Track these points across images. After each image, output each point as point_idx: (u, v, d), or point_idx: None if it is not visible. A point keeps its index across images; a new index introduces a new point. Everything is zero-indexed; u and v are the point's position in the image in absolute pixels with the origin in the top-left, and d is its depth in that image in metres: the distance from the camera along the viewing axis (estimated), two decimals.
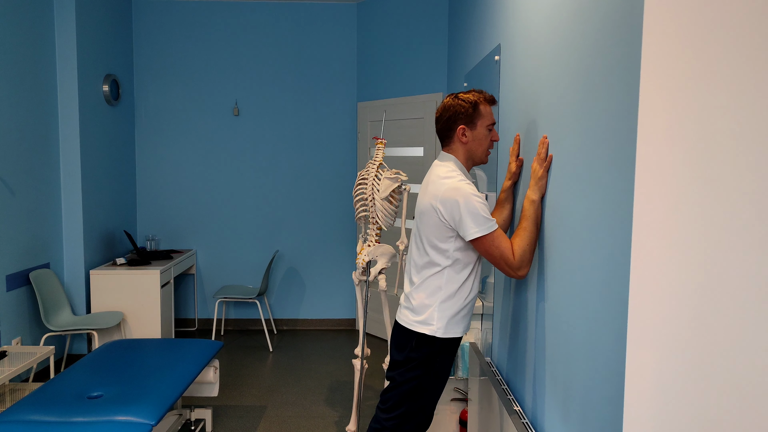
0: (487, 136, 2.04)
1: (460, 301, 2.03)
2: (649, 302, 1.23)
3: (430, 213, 1.99)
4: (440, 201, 1.94)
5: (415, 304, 2.06)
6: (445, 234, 1.97)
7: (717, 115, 1.19)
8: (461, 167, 2.05)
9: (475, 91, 2.05)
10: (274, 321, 5.41)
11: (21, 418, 2.29)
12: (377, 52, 5.01)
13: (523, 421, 1.95)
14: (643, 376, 1.24)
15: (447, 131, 2.06)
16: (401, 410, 2.08)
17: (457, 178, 1.96)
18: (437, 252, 2.00)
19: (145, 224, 5.30)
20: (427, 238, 2.02)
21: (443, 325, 2.02)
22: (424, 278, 2.05)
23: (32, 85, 3.88)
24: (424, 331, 2.03)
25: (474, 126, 2.02)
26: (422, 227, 2.04)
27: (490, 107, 2.05)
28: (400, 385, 2.08)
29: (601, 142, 1.40)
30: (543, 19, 1.91)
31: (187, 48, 5.20)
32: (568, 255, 1.64)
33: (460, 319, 2.06)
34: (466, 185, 1.93)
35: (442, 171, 2.01)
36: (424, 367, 2.05)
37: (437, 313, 2.02)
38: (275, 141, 5.31)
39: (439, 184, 1.97)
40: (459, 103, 2.02)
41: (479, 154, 2.06)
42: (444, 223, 1.95)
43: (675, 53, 1.19)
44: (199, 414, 3.31)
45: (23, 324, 3.81)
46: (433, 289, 2.03)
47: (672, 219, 1.21)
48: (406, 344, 2.07)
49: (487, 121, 2.03)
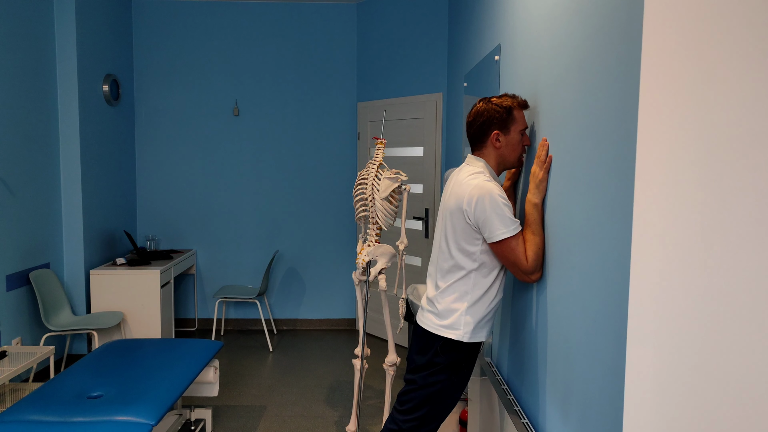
0: (520, 142, 2.02)
1: (486, 305, 2.01)
2: (649, 302, 1.23)
3: (457, 214, 1.96)
4: (467, 202, 1.92)
5: (441, 308, 2.03)
6: (472, 236, 1.95)
7: (717, 115, 1.19)
8: (491, 171, 2.02)
9: (508, 96, 2.02)
10: (274, 321, 5.41)
11: (21, 418, 2.29)
12: (377, 52, 5.01)
13: (523, 421, 1.95)
14: (643, 376, 1.24)
15: (481, 136, 2.02)
16: (421, 413, 2.06)
17: (483, 179, 1.93)
18: (464, 255, 1.98)
19: (145, 224, 5.30)
20: (455, 241, 1.99)
21: (470, 330, 2.00)
22: (450, 282, 2.02)
23: (32, 85, 3.88)
24: (450, 336, 2.01)
25: (508, 131, 1.99)
26: (449, 230, 2.01)
27: (523, 112, 2.02)
28: (422, 388, 2.06)
29: (601, 142, 1.40)
30: (543, 19, 1.91)
31: (187, 48, 5.20)
32: (569, 255, 1.64)
33: (486, 323, 2.04)
34: (492, 185, 1.90)
35: (468, 172, 1.99)
36: (448, 372, 2.03)
37: (464, 318, 2.00)
38: (275, 141, 5.31)
39: (465, 185, 1.95)
40: (493, 108, 1.98)
41: (512, 160, 2.04)
42: (470, 224, 1.93)
43: (675, 53, 1.19)
44: (199, 414, 3.31)
45: (23, 324, 3.81)
46: (460, 293, 2.01)
47: (672, 219, 1.21)
48: (430, 348, 2.05)
49: (520, 126, 2.00)
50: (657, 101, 1.20)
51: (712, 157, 1.20)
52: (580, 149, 1.55)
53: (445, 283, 2.04)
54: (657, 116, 1.20)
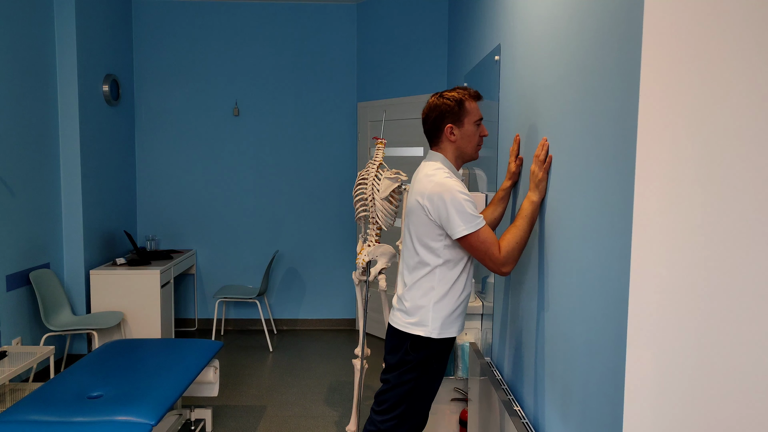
0: (475, 133, 2.03)
1: (454, 300, 2.02)
2: (649, 302, 1.23)
3: (418, 211, 1.98)
4: (427, 198, 1.93)
5: (408, 305, 2.04)
6: (434, 232, 1.96)
7: (717, 114, 1.19)
8: (450, 165, 2.03)
9: (459, 88, 2.03)
10: (274, 321, 5.41)
11: (21, 418, 2.29)
12: (377, 52, 5.01)
13: (523, 421, 1.95)
14: (643, 376, 1.24)
15: (435, 131, 2.04)
16: (398, 412, 2.07)
17: (443, 175, 1.94)
18: (428, 251, 1.99)
19: (145, 224, 5.30)
20: (418, 237, 2.01)
21: (438, 326, 2.01)
22: (416, 279, 2.03)
23: (32, 85, 3.88)
24: (418, 332, 2.01)
25: (461, 123, 2.01)
26: (411, 227, 2.03)
27: (476, 103, 2.03)
28: (396, 387, 2.06)
29: (601, 142, 1.40)
30: (543, 19, 1.91)
31: (187, 48, 5.20)
32: (568, 255, 1.64)
33: (455, 318, 2.04)
34: (452, 182, 1.91)
35: (428, 169, 2.00)
36: (420, 369, 2.04)
37: (431, 314, 2.00)
38: (275, 141, 5.31)
39: (425, 182, 1.96)
40: (444, 102, 2.01)
41: (469, 151, 2.05)
42: (432, 221, 1.94)
43: (675, 53, 1.19)
44: (199, 414, 3.31)
45: (23, 324, 3.81)
46: (425, 289, 2.01)
47: (672, 219, 1.21)
48: (401, 346, 2.06)
49: (474, 117, 2.02)
50: (657, 101, 1.20)
51: (712, 156, 1.20)
52: (580, 149, 1.55)
53: (411, 279, 2.05)
54: (657, 116, 1.20)
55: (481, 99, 2.06)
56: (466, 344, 2.78)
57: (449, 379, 2.84)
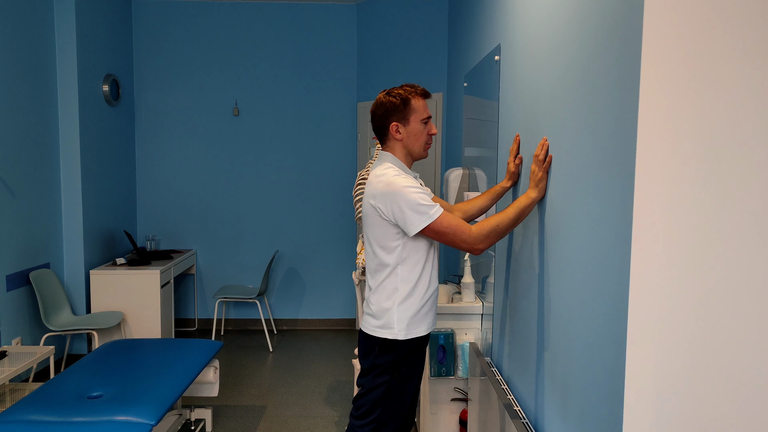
0: (422, 131, 2.01)
1: (419, 298, 2.00)
2: (649, 302, 1.23)
3: (372, 213, 1.96)
4: (378, 199, 1.92)
5: (375, 308, 2.02)
6: (390, 231, 1.94)
7: (717, 114, 1.19)
8: (400, 164, 2.02)
9: (406, 86, 2.01)
10: (274, 321, 5.42)
11: (21, 418, 2.29)
12: (377, 52, 5.01)
13: (523, 421, 1.95)
14: (643, 376, 1.24)
15: (381, 129, 2.03)
16: (374, 416, 2.03)
17: (391, 174, 1.92)
18: (386, 251, 1.97)
19: (145, 224, 5.30)
20: (375, 240, 1.99)
21: (404, 326, 1.98)
22: (380, 281, 2.01)
23: (32, 85, 3.88)
24: (385, 335, 1.99)
25: (407, 122, 1.99)
26: (367, 230, 2.01)
27: (424, 101, 2.01)
28: (370, 391, 2.04)
29: (601, 142, 1.40)
30: (543, 19, 1.91)
31: (187, 48, 5.20)
32: (568, 255, 1.64)
33: (422, 317, 2.02)
34: (400, 179, 1.90)
35: (377, 170, 1.99)
36: (390, 372, 2.01)
37: (396, 315, 1.98)
38: (275, 141, 5.31)
39: (375, 184, 1.95)
40: (390, 100, 1.99)
41: (416, 150, 2.03)
42: (387, 221, 1.93)
43: (675, 53, 1.19)
44: (199, 414, 3.31)
45: (23, 324, 3.81)
46: (389, 291, 1.99)
47: (672, 219, 1.21)
48: (371, 351, 2.03)
49: (420, 115, 1.99)
50: (657, 101, 1.20)
51: (712, 156, 1.20)
52: (580, 149, 1.55)
53: (375, 282, 2.03)
54: (657, 116, 1.20)
55: (429, 97, 2.04)
56: (466, 344, 2.78)
57: (449, 379, 2.85)
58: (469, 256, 2.94)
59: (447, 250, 4.27)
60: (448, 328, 2.81)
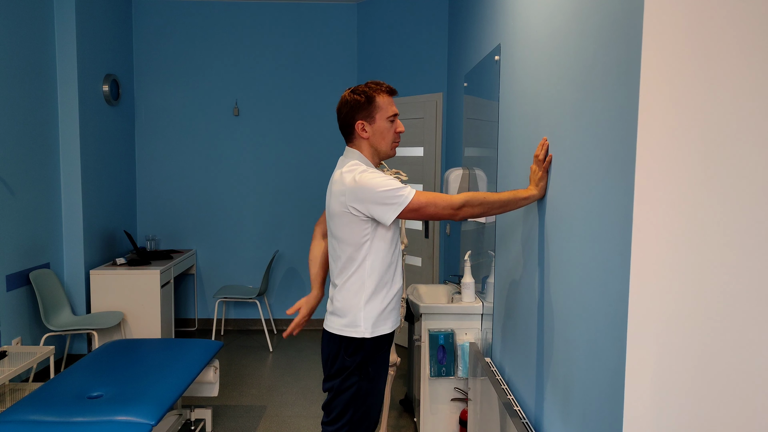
0: (389, 129, 1.98)
1: (385, 296, 1.98)
2: (649, 302, 1.23)
3: (341, 212, 1.92)
4: (349, 196, 1.88)
5: (339, 306, 1.99)
6: (360, 227, 1.91)
7: (717, 114, 1.19)
8: (366, 162, 1.99)
9: (371, 83, 1.99)
10: (274, 321, 5.41)
11: (21, 418, 2.29)
12: (377, 52, 5.01)
13: (523, 421, 1.95)
14: (643, 376, 1.24)
15: (347, 127, 2.00)
16: (346, 418, 2.00)
17: (358, 170, 1.89)
18: (355, 248, 1.94)
19: (145, 224, 5.30)
20: (342, 238, 1.96)
21: (370, 324, 1.96)
22: (345, 279, 1.98)
23: (32, 85, 3.88)
24: (351, 334, 1.96)
25: (373, 120, 1.97)
26: (335, 228, 1.98)
27: (390, 98, 1.98)
28: (340, 393, 2.00)
29: (601, 142, 1.40)
30: (543, 19, 1.91)
31: (187, 48, 5.20)
32: (568, 254, 1.64)
33: (388, 314, 2.00)
34: (367, 174, 1.87)
35: (344, 168, 1.95)
36: (359, 372, 1.98)
37: (363, 314, 1.96)
38: (275, 141, 5.31)
39: (342, 181, 1.92)
40: (354, 98, 1.96)
41: (383, 148, 2.00)
42: (358, 217, 1.89)
43: (675, 53, 1.19)
44: (199, 414, 3.31)
45: (23, 324, 3.81)
46: (355, 289, 1.97)
47: (672, 219, 1.21)
48: (338, 352, 2.00)
49: (386, 113, 1.96)
50: (657, 101, 1.20)
51: (712, 155, 1.20)
52: (581, 149, 1.55)
53: (341, 280, 2.00)
54: (657, 116, 1.20)
55: (395, 94, 2.01)
56: (466, 344, 2.78)
57: (449, 379, 2.85)
58: (469, 256, 2.94)
59: (446, 249, 4.27)
60: (448, 328, 2.81)
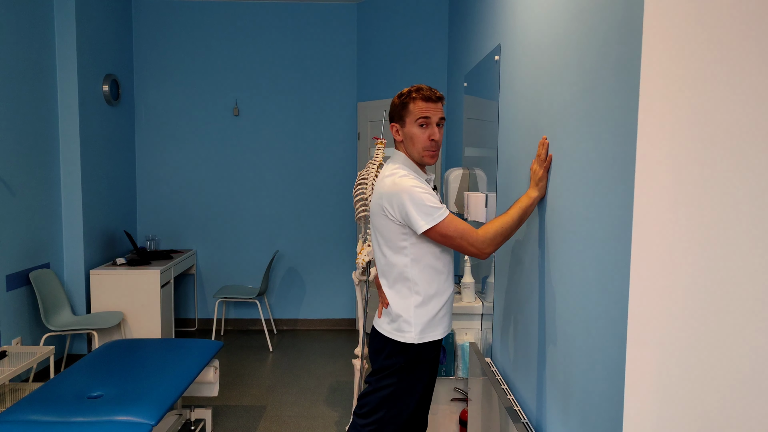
0: (419, 134, 1.94)
1: (436, 302, 1.97)
2: (649, 302, 1.23)
3: (378, 213, 1.95)
4: (386, 200, 1.90)
5: (390, 309, 1.99)
6: (397, 231, 1.92)
7: (717, 115, 1.19)
8: (410, 164, 1.99)
9: (413, 87, 1.97)
10: (274, 321, 5.41)
11: (21, 418, 2.29)
12: (377, 52, 5.01)
13: (523, 422, 1.95)
14: (643, 376, 1.24)
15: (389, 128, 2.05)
16: (378, 416, 2.01)
17: (399, 174, 1.90)
18: (393, 251, 1.95)
19: (145, 224, 5.30)
20: (383, 239, 1.97)
21: (419, 330, 1.96)
22: (392, 282, 1.98)
23: (32, 85, 3.88)
24: (398, 338, 1.97)
25: (404, 123, 1.96)
26: (376, 230, 1.99)
27: (425, 103, 1.93)
28: (377, 390, 2.01)
29: (601, 142, 1.40)
30: (543, 19, 1.91)
31: (187, 48, 5.20)
32: (568, 255, 1.64)
33: (439, 320, 1.99)
34: (407, 179, 1.87)
35: (387, 170, 1.98)
36: (398, 375, 1.98)
37: (413, 319, 1.95)
38: (275, 141, 5.31)
39: (382, 183, 1.94)
40: (393, 101, 1.99)
41: (414, 154, 1.98)
42: (394, 220, 1.91)
43: (675, 53, 1.19)
44: (199, 414, 3.31)
45: (23, 324, 3.81)
46: (404, 293, 1.96)
47: (672, 219, 1.21)
48: (382, 351, 2.01)
49: (415, 116, 1.93)
50: (657, 101, 1.20)
51: (712, 156, 1.20)
52: (581, 149, 1.55)
53: (388, 282, 2.00)
54: (657, 116, 1.20)
55: (437, 99, 1.95)
56: (466, 344, 2.78)
57: (449, 379, 2.84)
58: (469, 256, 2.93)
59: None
60: None
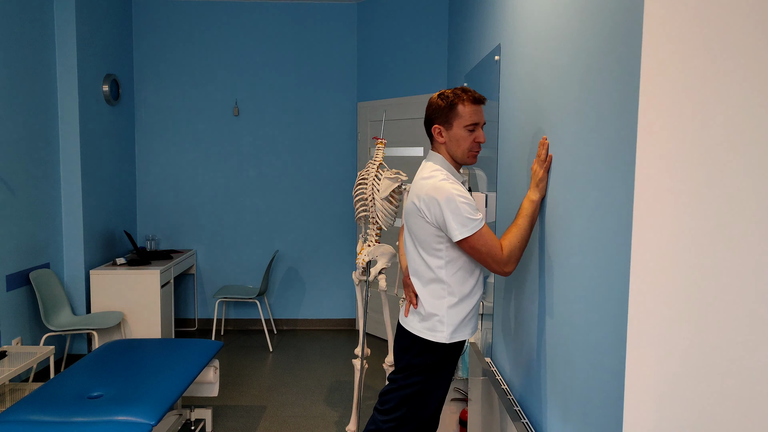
0: (465, 138, 1.94)
1: (468, 303, 1.99)
2: (649, 302, 1.23)
3: (415, 214, 1.95)
4: (423, 202, 1.90)
5: (425, 310, 2.00)
6: (432, 234, 1.92)
7: (717, 115, 1.19)
8: (447, 166, 1.99)
9: (459, 89, 1.95)
10: (274, 321, 5.41)
11: (21, 418, 2.29)
12: (377, 52, 5.01)
13: (523, 422, 1.95)
14: (643, 376, 1.24)
15: (428, 130, 2.02)
16: (399, 413, 2.04)
17: (439, 177, 1.90)
18: (428, 253, 1.96)
19: (145, 224, 5.30)
20: (418, 240, 1.98)
21: (450, 331, 1.98)
22: (426, 283, 2.00)
23: (32, 85, 3.88)
24: (429, 338, 1.99)
25: (450, 126, 1.95)
26: (411, 230, 2.00)
27: (474, 106, 1.93)
28: (401, 388, 2.04)
29: (602, 141, 1.40)
30: (543, 19, 1.91)
31: (187, 48, 5.19)
32: (569, 255, 1.64)
33: (468, 321, 2.02)
34: (447, 184, 1.86)
35: (425, 171, 1.97)
36: (426, 374, 2.01)
37: (446, 319, 1.98)
38: (275, 141, 5.30)
39: (421, 185, 1.93)
40: (437, 102, 1.96)
41: (458, 156, 1.98)
42: (430, 223, 1.91)
43: (675, 53, 1.19)
44: (199, 414, 3.31)
45: (23, 324, 3.81)
46: (439, 294, 1.98)
47: (672, 219, 1.21)
48: (410, 349, 2.03)
49: (465, 121, 1.92)
50: (657, 101, 1.20)
51: (713, 156, 1.20)
52: (580, 149, 1.55)
53: (421, 282, 2.01)
54: (657, 116, 1.20)
55: (483, 103, 1.98)
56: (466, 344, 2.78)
57: None
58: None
59: None
60: None
